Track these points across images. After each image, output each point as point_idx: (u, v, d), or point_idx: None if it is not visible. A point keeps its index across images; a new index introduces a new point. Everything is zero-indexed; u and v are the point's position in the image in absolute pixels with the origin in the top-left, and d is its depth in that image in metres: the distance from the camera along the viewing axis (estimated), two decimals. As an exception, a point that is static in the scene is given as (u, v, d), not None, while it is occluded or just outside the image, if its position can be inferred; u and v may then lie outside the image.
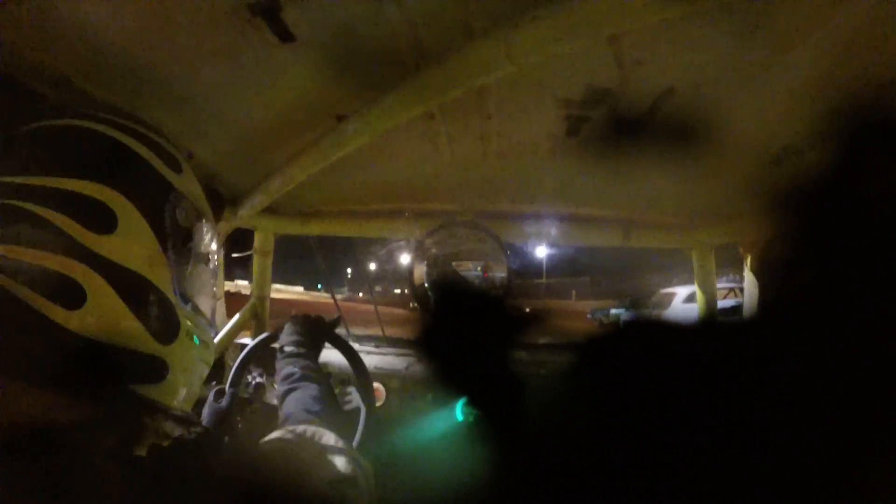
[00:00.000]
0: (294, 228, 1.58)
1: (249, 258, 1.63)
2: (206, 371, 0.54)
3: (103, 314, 0.41)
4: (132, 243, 0.43)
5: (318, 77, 0.84)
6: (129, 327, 0.43)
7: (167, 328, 0.46)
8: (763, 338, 0.30)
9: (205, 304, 0.54)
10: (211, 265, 0.56)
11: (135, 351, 0.43)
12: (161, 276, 0.45)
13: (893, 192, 0.29)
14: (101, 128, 0.45)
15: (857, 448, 0.27)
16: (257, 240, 1.61)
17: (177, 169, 0.49)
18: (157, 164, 0.47)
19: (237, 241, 1.61)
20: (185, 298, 0.49)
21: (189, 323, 0.49)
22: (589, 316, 12.21)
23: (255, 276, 1.64)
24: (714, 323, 0.36)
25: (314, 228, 1.59)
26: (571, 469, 0.32)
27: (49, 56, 0.73)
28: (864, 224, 0.29)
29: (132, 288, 0.43)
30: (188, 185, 0.50)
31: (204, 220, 0.52)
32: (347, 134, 0.93)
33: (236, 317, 1.60)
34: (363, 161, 1.16)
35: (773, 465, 0.27)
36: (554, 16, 0.64)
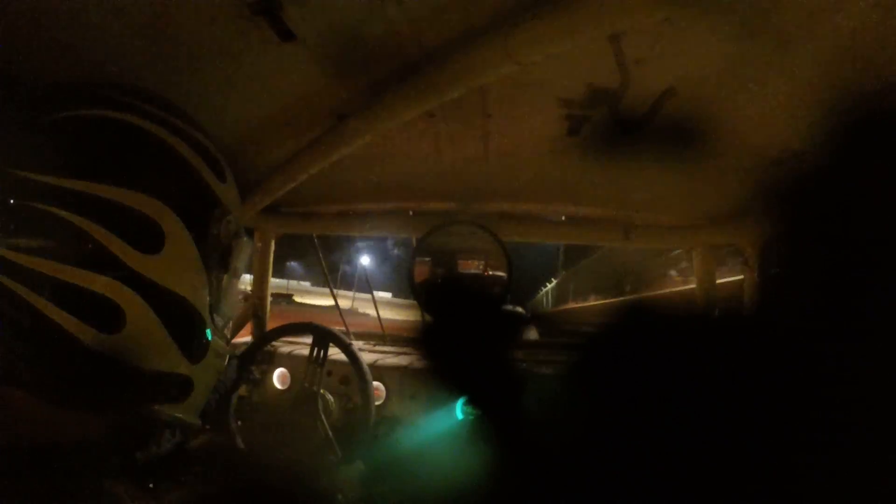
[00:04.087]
0: (294, 228, 1.58)
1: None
2: (216, 379, 0.51)
3: (140, 338, 0.38)
4: (178, 264, 0.40)
5: (319, 76, 0.84)
6: (163, 349, 0.40)
7: (198, 347, 0.44)
8: (763, 338, 0.30)
9: (228, 315, 0.51)
10: (240, 276, 0.53)
11: (166, 373, 0.41)
12: (200, 297, 0.43)
13: (894, 192, 0.29)
14: (147, 125, 0.40)
15: (857, 448, 0.27)
16: (257, 239, 1.61)
17: (221, 177, 0.46)
18: (206, 172, 0.43)
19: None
20: (216, 315, 0.47)
21: (215, 339, 0.47)
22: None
23: (254, 275, 1.64)
24: (714, 323, 0.36)
25: (314, 228, 1.59)
26: (571, 468, 0.32)
27: (48, 56, 0.73)
28: (865, 224, 0.29)
29: (173, 311, 0.40)
30: (231, 194, 0.47)
31: (241, 233, 0.49)
32: (348, 133, 0.93)
33: (235, 316, 1.60)
34: (364, 160, 1.16)
35: (773, 465, 0.27)
36: (554, 15, 0.64)
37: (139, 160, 0.39)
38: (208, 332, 0.45)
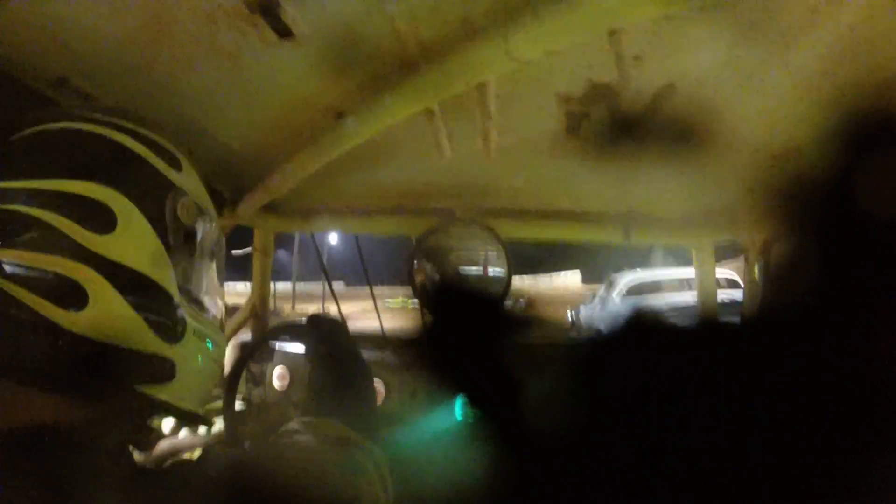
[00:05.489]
0: (294, 226, 1.58)
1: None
2: (217, 372, 0.53)
3: (106, 315, 0.41)
4: (133, 242, 0.43)
5: (318, 74, 0.84)
6: (132, 327, 0.42)
7: (172, 327, 0.46)
8: (764, 338, 0.30)
9: (212, 301, 0.53)
10: (216, 262, 0.56)
11: (139, 351, 0.43)
12: (164, 275, 0.45)
13: (894, 190, 0.29)
14: (98, 129, 0.45)
15: (857, 448, 0.26)
16: (257, 238, 1.61)
17: (176, 166, 0.49)
18: (156, 161, 0.47)
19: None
20: (191, 297, 0.49)
21: (196, 323, 0.49)
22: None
23: (254, 274, 1.64)
24: (715, 323, 0.36)
25: (314, 226, 1.58)
26: (569, 467, 0.32)
27: (48, 56, 0.73)
28: (865, 223, 0.29)
29: (135, 287, 0.43)
30: (189, 181, 0.50)
31: (207, 217, 0.52)
32: (347, 131, 0.93)
33: (236, 315, 1.60)
34: (363, 159, 1.16)
35: (773, 466, 0.27)
36: (554, 12, 0.64)
37: (84, 155, 0.44)
38: (183, 311, 0.47)
